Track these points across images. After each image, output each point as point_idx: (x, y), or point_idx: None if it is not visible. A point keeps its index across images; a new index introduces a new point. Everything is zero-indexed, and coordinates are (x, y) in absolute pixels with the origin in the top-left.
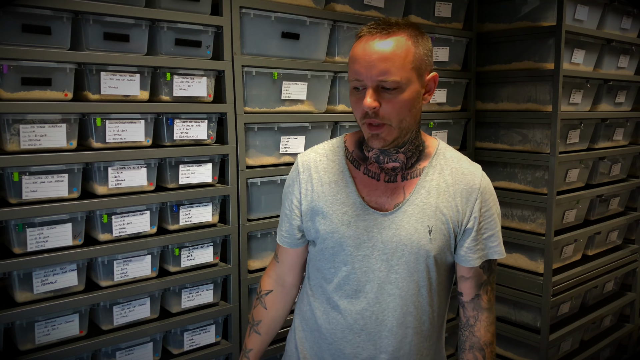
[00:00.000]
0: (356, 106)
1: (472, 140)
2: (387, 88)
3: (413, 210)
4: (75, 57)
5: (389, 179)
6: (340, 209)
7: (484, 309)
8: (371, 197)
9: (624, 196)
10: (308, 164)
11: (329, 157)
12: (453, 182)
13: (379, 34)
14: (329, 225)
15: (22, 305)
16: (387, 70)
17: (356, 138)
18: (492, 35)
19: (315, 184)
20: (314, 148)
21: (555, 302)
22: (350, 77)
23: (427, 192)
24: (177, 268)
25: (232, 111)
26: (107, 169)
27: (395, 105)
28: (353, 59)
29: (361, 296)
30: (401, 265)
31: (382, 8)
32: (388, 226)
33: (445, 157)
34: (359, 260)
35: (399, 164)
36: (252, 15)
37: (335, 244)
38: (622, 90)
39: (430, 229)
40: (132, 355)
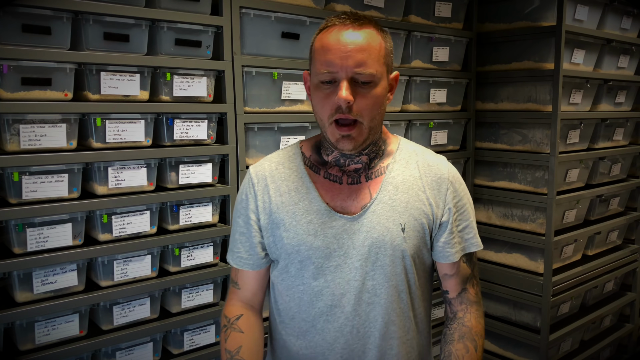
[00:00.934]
0: (324, 102)
1: (472, 140)
2: (362, 81)
3: (382, 209)
4: (75, 57)
5: (352, 181)
6: (304, 218)
7: (472, 302)
8: (336, 202)
9: (624, 196)
10: (263, 174)
11: (285, 164)
12: (420, 175)
13: (351, 24)
14: (294, 238)
15: (22, 305)
16: (363, 62)
17: (312, 143)
18: (492, 35)
19: (273, 194)
20: (267, 157)
21: (555, 302)
22: (318, 69)
23: (394, 188)
24: (177, 268)
25: (232, 111)
26: (107, 169)
27: (369, 101)
28: (324, 49)
29: (338, 311)
30: (377, 270)
31: (382, 8)
32: (358, 230)
33: (409, 151)
34: (331, 272)
35: (361, 165)
36: (252, 15)
37: (303, 257)
38: (622, 90)
39: (403, 227)
40: (132, 355)
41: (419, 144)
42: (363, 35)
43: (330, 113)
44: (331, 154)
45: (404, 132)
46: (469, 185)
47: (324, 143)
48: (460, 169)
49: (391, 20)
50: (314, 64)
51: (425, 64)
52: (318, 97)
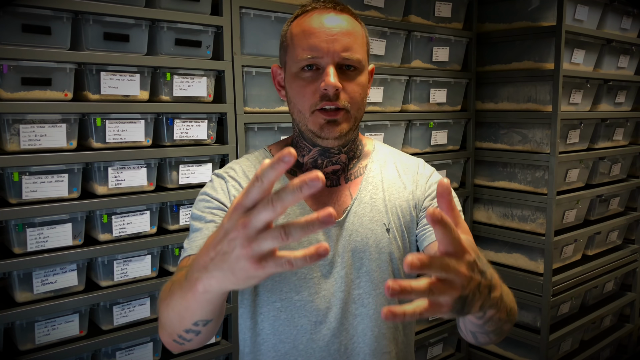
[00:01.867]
0: (305, 90)
1: (472, 140)
2: (349, 67)
3: (363, 209)
4: (75, 57)
5: (331, 184)
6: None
7: None
8: (317, 207)
9: (624, 196)
10: (235, 175)
11: (257, 168)
12: (398, 174)
13: (332, 9)
14: None
15: (22, 305)
16: (350, 46)
17: (282, 146)
18: (492, 35)
19: None
20: (235, 162)
21: (555, 302)
22: (298, 55)
23: (374, 187)
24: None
25: (232, 111)
26: (107, 169)
27: (356, 88)
28: (305, 33)
29: (323, 328)
30: (362, 277)
31: (382, 8)
32: (340, 234)
33: (385, 152)
34: (315, 284)
35: (339, 166)
36: (252, 15)
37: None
38: (622, 90)
39: (387, 227)
40: (132, 355)
41: (419, 144)
42: (347, 20)
43: (313, 102)
44: (308, 154)
45: (403, 132)
46: (469, 185)
47: (299, 143)
48: (460, 169)
49: (391, 20)
50: (293, 50)
51: (425, 64)
52: (297, 86)
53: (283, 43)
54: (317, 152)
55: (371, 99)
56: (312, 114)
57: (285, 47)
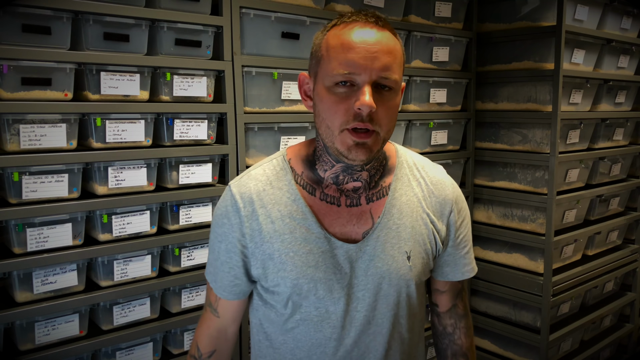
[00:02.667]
0: (338, 107)
1: (472, 140)
2: (385, 87)
3: (387, 235)
4: (75, 57)
5: (352, 203)
6: (302, 248)
7: (461, 316)
8: (335, 228)
9: (624, 196)
10: (249, 197)
11: (273, 184)
12: (424, 195)
13: (375, 24)
14: (292, 271)
15: (22, 305)
16: (390, 66)
17: (303, 156)
18: (492, 35)
19: (264, 221)
20: (251, 174)
21: (555, 302)
22: (334, 69)
23: (398, 211)
24: (177, 268)
25: (232, 111)
26: (107, 169)
27: (389, 110)
28: (345, 47)
29: (337, 344)
30: (381, 300)
31: (382, 8)
32: (360, 258)
33: (409, 165)
34: (334, 304)
35: (361, 183)
36: (252, 15)
37: (303, 291)
38: (622, 90)
39: (408, 255)
40: (132, 355)
41: (419, 144)
42: (388, 37)
43: (344, 120)
44: (330, 169)
45: (404, 132)
46: (469, 185)
47: (322, 156)
48: (460, 169)
49: (391, 20)
50: (328, 62)
51: (425, 64)
52: (329, 101)
53: (316, 52)
54: (340, 168)
55: None
56: (341, 132)
57: (318, 58)
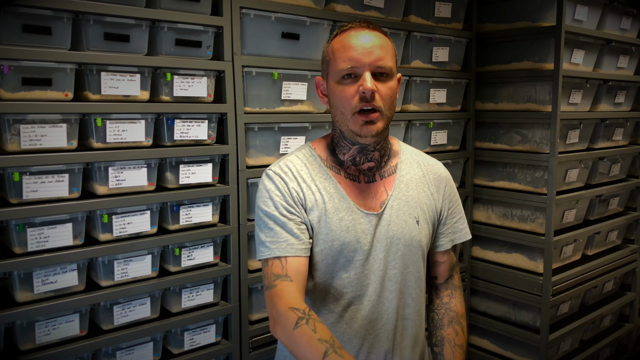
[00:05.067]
0: (348, 94)
1: (471, 141)
2: (382, 73)
3: (398, 204)
4: (76, 57)
5: (368, 180)
6: (335, 215)
7: (456, 287)
8: (359, 200)
9: (624, 196)
10: (291, 173)
11: (307, 166)
12: (423, 173)
13: (367, 27)
14: (328, 234)
15: (23, 305)
16: (383, 56)
17: (325, 145)
18: (491, 36)
19: (307, 192)
20: (287, 159)
21: (555, 302)
22: (340, 67)
23: (405, 185)
24: (177, 268)
25: (232, 111)
26: (108, 169)
27: (388, 91)
28: (345, 48)
29: (365, 300)
30: (397, 259)
31: (382, 8)
32: (380, 224)
33: (409, 152)
34: (360, 265)
35: (374, 163)
36: (252, 16)
37: (336, 252)
38: (622, 91)
39: (417, 220)
40: (132, 355)
41: (419, 144)
42: (378, 36)
43: (354, 104)
44: (348, 152)
45: (404, 132)
46: (469, 185)
47: (340, 142)
48: (460, 169)
49: (391, 20)
50: (335, 62)
51: (425, 64)
52: (339, 92)
53: (325, 58)
54: (356, 150)
55: None
56: (352, 116)
57: (327, 61)
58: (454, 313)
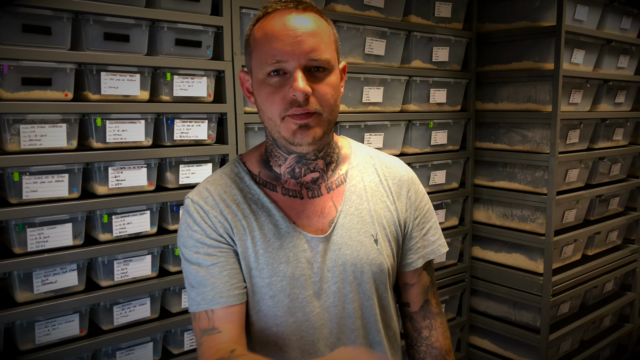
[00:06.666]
0: (274, 97)
1: (472, 140)
2: (317, 68)
3: (350, 221)
4: (76, 57)
5: (313, 194)
6: (272, 244)
7: (435, 315)
8: (302, 221)
9: (624, 196)
10: (213, 200)
11: (232, 186)
12: (380, 179)
13: (295, 9)
14: (264, 269)
15: (23, 305)
16: (317, 47)
17: (257, 157)
18: (492, 35)
19: (232, 220)
20: (207, 181)
21: (555, 302)
22: (262, 61)
23: (358, 197)
24: (177, 268)
25: (232, 111)
26: (107, 169)
27: (327, 89)
28: (268, 37)
29: (320, 346)
30: (354, 290)
31: (382, 8)
32: (329, 249)
33: (363, 154)
34: (309, 303)
35: (318, 173)
36: (252, 16)
37: (276, 291)
38: (622, 90)
39: (375, 238)
40: (132, 355)
41: (419, 144)
42: (311, 18)
43: (283, 108)
44: (284, 163)
45: (403, 132)
46: (469, 185)
47: (274, 152)
48: (460, 169)
49: (391, 20)
50: (257, 56)
51: (425, 64)
52: (265, 93)
53: (247, 48)
54: (294, 160)
55: (371, 99)
56: (282, 120)
57: (249, 53)
58: (437, 350)
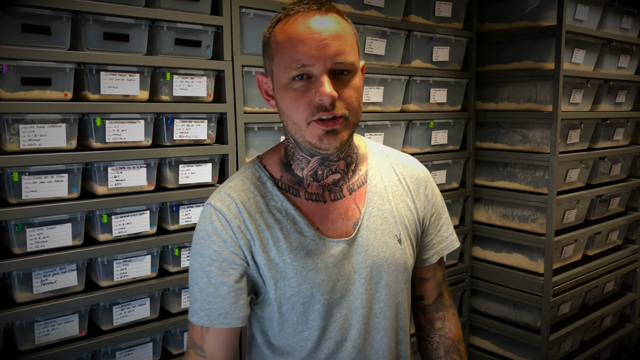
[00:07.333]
0: (299, 102)
1: (472, 140)
2: (342, 71)
3: (374, 222)
4: (75, 57)
5: (336, 197)
6: (300, 252)
7: (448, 307)
8: (326, 225)
9: (624, 196)
10: (236, 208)
11: (256, 192)
12: (398, 178)
13: (317, 10)
14: (292, 278)
15: (22, 305)
16: (342, 50)
17: (277, 160)
18: (492, 35)
19: (255, 231)
20: (228, 186)
21: (556, 302)
22: (287, 65)
23: (380, 197)
24: (177, 268)
25: (232, 111)
26: (107, 169)
27: (353, 92)
28: (293, 41)
29: (348, 346)
30: (382, 290)
31: (382, 8)
32: (355, 251)
33: (379, 153)
34: (337, 305)
35: (339, 174)
36: (252, 15)
37: (306, 298)
38: (622, 90)
39: (399, 238)
40: (132, 355)
41: (419, 144)
42: (334, 20)
43: (309, 113)
44: (307, 166)
45: (404, 132)
46: (469, 185)
47: (296, 154)
48: (460, 169)
49: (391, 20)
50: (280, 60)
51: (425, 64)
52: (289, 98)
53: (267, 51)
54: (317, 162)
55: (371, 99)
56: (308, 125)
57: (270, 56)
58: (450, 340)
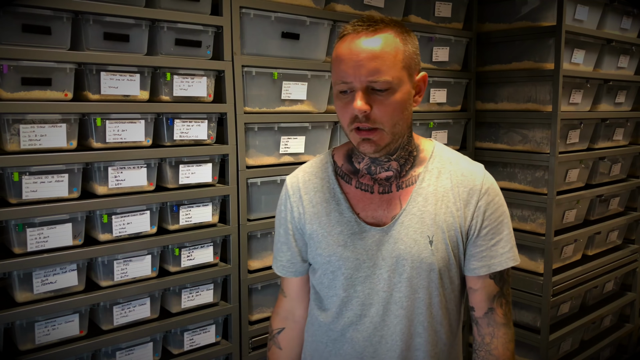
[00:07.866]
0: (343, 111)
1: (472, 140)
2: (378, 89)
3: (410, 220)
4: (75, 57)
5: (383, 190)
6: (334, 229)
7: (499, 324)
8: (367, 212)
9: (624, 196)
10: (297, 185)
11: (317, 175)
12: (452, 185)
13: (364, 31)
14: (325, 249)
15: (22, 305)
16: (377, 70)
17: (345, 151)
18: (492, 35)
19: (307, 205)
20: (302, 167)
21: (555, 302)
22: (335, 80)
23: (424, 199)
24: (177, 268)
25: (232, 111)
26: (107, 169)
27: (387, 108)
28: (338, 60)
29: (367, 321)
30: (403, 282)
31: (382, 8)
32: (387, 241)
33: (442, 159)
34: (361, 283)
35: (392, 172)
36: (252, 15)
37: (334, 268)
38: (622, 90)
39: (431, 240)
40: (132, 355)
41: None
42: (376, 41)
43: (350, 121)
44: (362, 161)
45: None
46: None
47: (355, 150)
48: None
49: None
50: (333, 74)
51: (425, 64)
52: (338, 105)
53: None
54: (370, 160)
55: None
56: (350, 132)
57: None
58: (494, 358)
